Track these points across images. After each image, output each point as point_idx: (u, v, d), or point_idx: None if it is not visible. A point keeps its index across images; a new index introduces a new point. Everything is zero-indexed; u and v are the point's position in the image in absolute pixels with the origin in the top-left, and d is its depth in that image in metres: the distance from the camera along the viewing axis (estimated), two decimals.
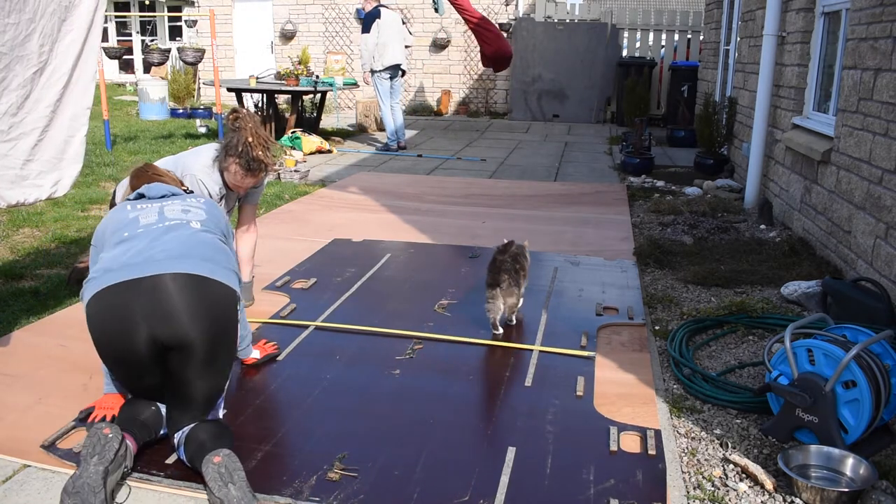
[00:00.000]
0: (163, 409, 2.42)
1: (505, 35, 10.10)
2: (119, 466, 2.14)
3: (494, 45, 8.35)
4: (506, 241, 3.57)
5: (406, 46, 9.19)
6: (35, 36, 2.88)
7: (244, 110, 3.42)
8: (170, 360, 2.30)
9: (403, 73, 9.28)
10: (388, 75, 9.06)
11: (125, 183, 3.46)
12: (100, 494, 2.02)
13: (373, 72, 9.06)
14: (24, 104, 2.91)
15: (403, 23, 9.19)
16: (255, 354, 3.01)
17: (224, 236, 2.65)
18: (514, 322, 3.53)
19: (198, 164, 3.35)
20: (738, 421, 2.74)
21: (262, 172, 3.36)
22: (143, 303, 2.21)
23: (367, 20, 8.89)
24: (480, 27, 8.33)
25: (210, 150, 3.41)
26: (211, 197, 3.36)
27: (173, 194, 2.70)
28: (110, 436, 2.12)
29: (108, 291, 2.24)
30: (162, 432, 2.42)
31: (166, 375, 2.34)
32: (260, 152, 3.25)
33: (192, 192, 3.23)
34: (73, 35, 3.06)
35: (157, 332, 2.22)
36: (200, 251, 2.38)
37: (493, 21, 13.62)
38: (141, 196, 2.66)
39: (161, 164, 3.56)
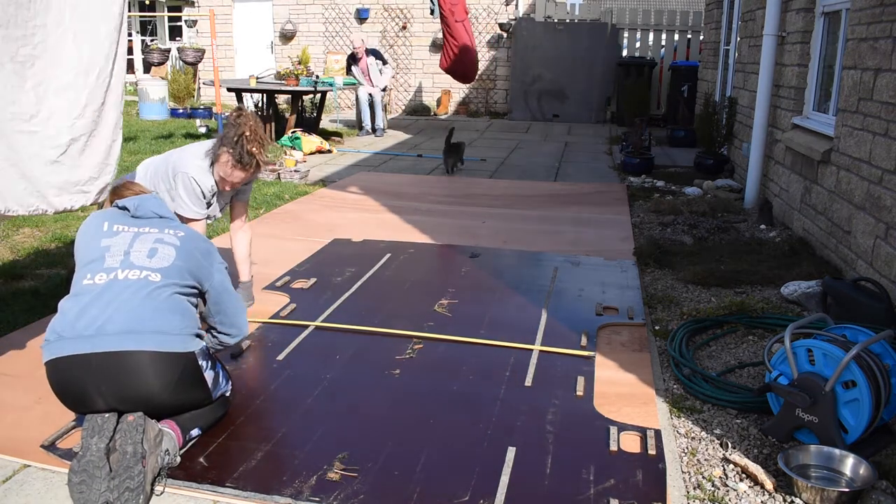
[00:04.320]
0: None
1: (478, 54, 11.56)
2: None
3: (460, 62, 10.37)
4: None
5: (382, 76, 10.91)
6: (69, 37, 2.78)
7: (248, 111, 3.43)
8: None
9: (384, 89, 11.05)
10: (367, 100, 10.90)
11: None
12: (104, 468, 2.09)
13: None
14: (72, 109, 2.83)
15: (385, 63, 11.01)
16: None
17: (195, 270, 2.51)
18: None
19: (193, 161, 3.34)
20: (738, 421, 2.74)
21: (252, 169, 3.34)
22: (94, 380, 2.23)
23: (348, 63, 10.86)
24: (457, 48, 9.70)
25: (206, 145, 3.40)
26: (204, 196, 3.36)
27: (161, 217, 2.59)
28: (107, 415, 2.18)
29: (61, 362, 2.26)
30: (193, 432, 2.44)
31: None
32: (254, 148, 3.25)
33: (206, 209, 3.27)
34: (110, 37, 3.00)
35: (113, 404, 2.25)
36: (152, 322, 2.30)
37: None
38: (125, 209, 2.56)
39: (149, 162, 3.56)
